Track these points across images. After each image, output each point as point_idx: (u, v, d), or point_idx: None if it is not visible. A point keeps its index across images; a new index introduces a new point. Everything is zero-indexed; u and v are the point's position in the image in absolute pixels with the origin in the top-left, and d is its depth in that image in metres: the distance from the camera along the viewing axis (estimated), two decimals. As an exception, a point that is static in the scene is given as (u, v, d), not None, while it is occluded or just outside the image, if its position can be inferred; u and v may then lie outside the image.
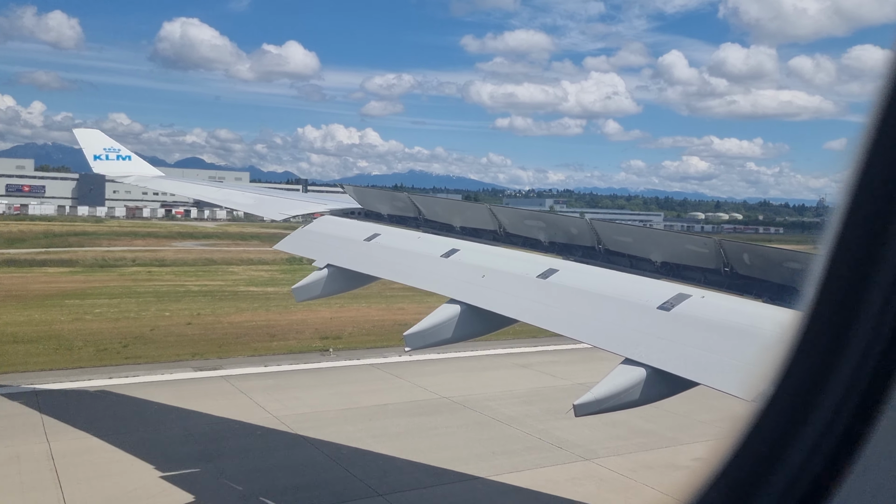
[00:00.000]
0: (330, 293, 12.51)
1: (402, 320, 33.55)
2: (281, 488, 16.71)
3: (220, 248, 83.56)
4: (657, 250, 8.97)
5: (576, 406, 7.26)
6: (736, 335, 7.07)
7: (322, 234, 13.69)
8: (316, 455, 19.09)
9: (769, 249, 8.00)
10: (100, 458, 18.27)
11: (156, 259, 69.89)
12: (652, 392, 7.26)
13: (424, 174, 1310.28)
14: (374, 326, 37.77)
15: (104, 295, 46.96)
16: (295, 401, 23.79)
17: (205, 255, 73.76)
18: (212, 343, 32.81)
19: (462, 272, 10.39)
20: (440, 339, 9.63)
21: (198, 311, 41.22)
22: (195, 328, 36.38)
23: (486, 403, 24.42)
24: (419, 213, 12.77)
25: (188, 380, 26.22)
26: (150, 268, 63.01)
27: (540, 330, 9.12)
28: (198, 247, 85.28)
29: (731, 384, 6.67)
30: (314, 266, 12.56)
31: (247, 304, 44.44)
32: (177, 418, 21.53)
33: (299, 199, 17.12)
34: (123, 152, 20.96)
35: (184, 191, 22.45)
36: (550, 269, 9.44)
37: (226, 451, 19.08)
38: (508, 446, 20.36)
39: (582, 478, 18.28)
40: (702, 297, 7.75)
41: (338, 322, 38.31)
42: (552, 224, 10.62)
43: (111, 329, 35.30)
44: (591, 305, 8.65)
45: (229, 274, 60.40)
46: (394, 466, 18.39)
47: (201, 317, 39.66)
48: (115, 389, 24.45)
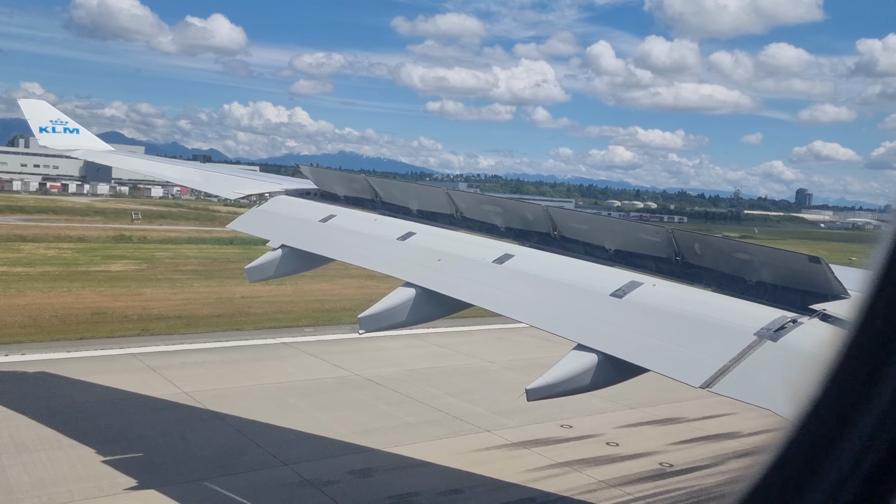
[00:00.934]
0: (284, 274, 12.36)
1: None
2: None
3: (42, 225, 76.20)
4: (611, 238, 9.08)
5: (528, 391, 7.33)
6: (685, 323, 7.23)
7: (277, 214, 13.49)
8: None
9: (719, 240, 8.18)
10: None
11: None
12: (602, 377, 7.38)
13: (355, 156, 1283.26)
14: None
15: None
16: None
17: (17, 231, 68.00)
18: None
19: (418, 256, 10.37)
20: (395, 322, 9.61)
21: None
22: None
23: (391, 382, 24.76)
24: (376, 195, 12.67)
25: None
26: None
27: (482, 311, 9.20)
28: (21, 222, 78.30)
29: (679, 371, 6.82)
30: (268, 246, 12.38)
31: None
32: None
33: (254, 178, 16.82)
34: (71, 125, 20.23)
35: (134, 166, 21.83)
36: (506, 254, 9.49)
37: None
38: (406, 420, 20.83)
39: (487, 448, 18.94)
40: (653, 286, 7.89)
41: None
42: (509, 210, 10.66)
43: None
44: (545, 291, 8.73)
45: (11, 252, 53.44)
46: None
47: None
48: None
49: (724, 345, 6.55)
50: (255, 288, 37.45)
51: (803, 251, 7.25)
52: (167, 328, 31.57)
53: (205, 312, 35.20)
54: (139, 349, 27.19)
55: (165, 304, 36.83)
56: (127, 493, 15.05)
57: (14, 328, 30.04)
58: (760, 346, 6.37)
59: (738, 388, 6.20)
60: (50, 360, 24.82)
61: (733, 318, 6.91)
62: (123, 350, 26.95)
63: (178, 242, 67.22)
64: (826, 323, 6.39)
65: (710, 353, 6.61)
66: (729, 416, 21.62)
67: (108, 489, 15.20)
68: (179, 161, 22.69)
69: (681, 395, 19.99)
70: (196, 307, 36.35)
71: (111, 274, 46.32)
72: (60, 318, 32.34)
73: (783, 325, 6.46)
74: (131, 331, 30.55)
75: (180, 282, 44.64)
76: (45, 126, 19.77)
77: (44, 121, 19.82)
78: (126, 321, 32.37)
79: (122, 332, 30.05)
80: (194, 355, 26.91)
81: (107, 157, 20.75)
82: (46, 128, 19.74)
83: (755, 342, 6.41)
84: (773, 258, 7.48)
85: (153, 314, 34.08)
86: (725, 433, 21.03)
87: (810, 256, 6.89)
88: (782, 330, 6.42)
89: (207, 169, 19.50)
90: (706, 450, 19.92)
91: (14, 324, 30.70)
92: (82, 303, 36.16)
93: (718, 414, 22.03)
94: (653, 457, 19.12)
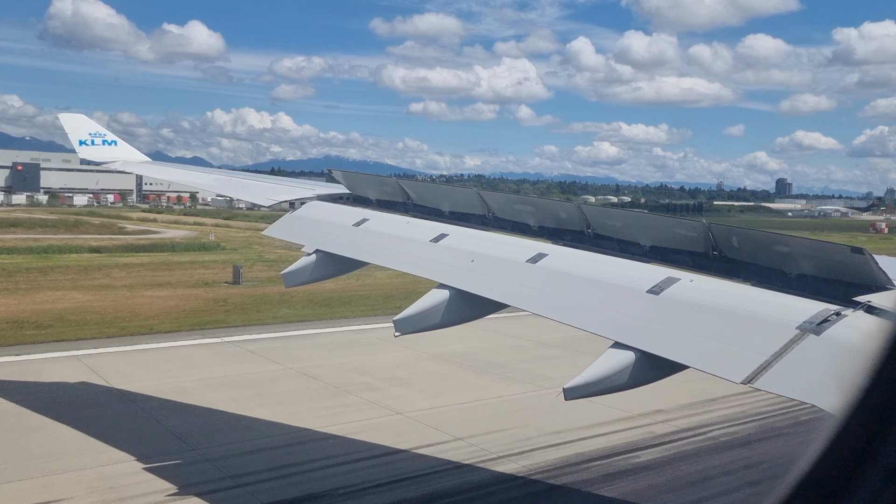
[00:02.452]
0: (318, 278, 12.46)
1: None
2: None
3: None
4: (646, 234, 8.97)
5: (565, 390, 7.28)
6: (724, 318, 7.11)
7: (310, 220, 13.62)
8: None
9: (757, 233, 8.02)
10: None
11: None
12: (641, 375, 7.29)
13: (341, 159, 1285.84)
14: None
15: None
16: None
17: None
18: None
19: (451, 257, 10.37)
20: (429, 323, 9.62)
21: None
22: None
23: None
24: (408, 197, 12.71)
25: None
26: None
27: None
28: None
29: (720, 367, 6.71)
30: (302, 252, 12.50)
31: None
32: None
33: (286, 185, 17.00)
34: (109, 137, 20.70)
35: (169, 176, 22.25)
36: (540, 253, 9.43)
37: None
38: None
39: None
40: (690, 281, 7.78)
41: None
42: (541, 208, 10.60)
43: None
44: (580, 290, 8.65)
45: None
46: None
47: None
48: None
49: (766, 339, 6.42)
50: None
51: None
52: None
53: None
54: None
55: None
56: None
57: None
58: (803, 339, 6.23)
59: (780, 383, 6.08)
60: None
61: (774, 311, 6.77)
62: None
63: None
64: (871, 315, 6.23)
65: (751, 348, 6.49)
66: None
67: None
68: (212, 170, 23.06)
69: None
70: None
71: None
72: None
73: (826, 318, 6.31)
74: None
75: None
76: (84, 139, 20.25)
77: (83, 134, 20.30)
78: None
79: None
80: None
81: (143, 167, 21.18)
82: (86, 141, 20.22)
83: (797, 336, 6.28)
84: (813, 250, 7.32)
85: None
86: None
87: (853, 247, 6.73)
88: (825, 323, 6.27)
89: (239, 177, 19.76)
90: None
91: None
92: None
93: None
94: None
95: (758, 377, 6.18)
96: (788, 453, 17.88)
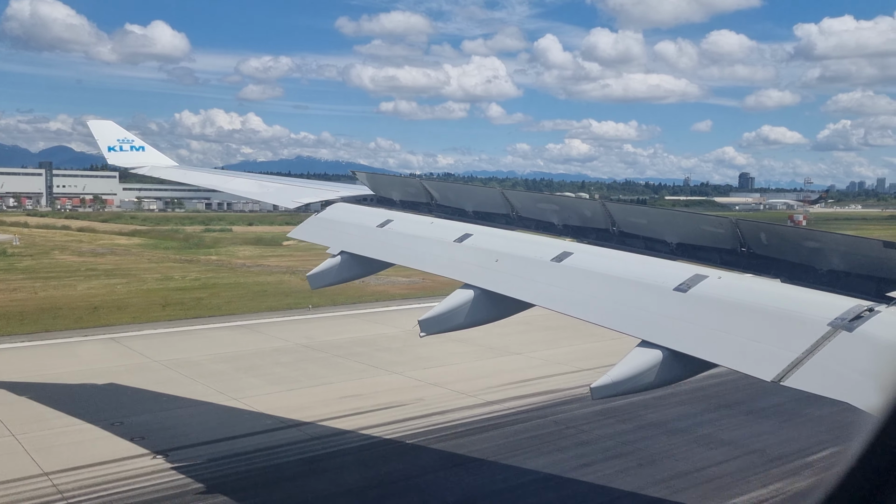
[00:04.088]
0: (343, 280, 12.52)
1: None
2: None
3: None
4: (672, 231, 8.88)
5: (592, 389, 7.23)
6: (754, 315, 7.01)
7: (335, 221, 13.69)
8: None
9: (787, 228, 7.91)
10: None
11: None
12: (669, 374, 7.22)
13: (312, 160, 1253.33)
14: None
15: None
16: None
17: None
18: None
19: (476, 257, 10.36)
20: (454, 324, 9.62)
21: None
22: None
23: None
24: (431, 198, 12.73)
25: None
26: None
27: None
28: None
29: (749, 365, 6.62)
30: (328, 253, 12.57)
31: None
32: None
33: (312, 187, 17.11)
34: (137, 143, 21.01)
35: (194, 180, 22.52)
36: (565, 252, 9.39)
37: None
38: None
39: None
40: (718, 278, 7.68)
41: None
42: (565, 207, 10.55)
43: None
44: (606, 288, 8.59)
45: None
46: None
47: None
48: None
49: (796, 336, 6.32)
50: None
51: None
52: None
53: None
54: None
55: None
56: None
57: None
58: (835, 336, 6.12)
59: (812, 380, 5.97)
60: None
61: (805, 308, 6.65)
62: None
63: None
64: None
65: (782, 345, 6.39)
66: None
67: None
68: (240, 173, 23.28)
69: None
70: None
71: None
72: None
73: (859, 315, 6.18)
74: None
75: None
76: (113, 145, 20.57)
77: (112, 140, 20.62)
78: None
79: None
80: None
81: (171, 172, 21.46)
82: (115, 147, 20.54)
83: (829, 333, 6.16)
84: (845, 245, 7.19)
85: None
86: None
87: (885, 242, 6.60)
88: (858, 319, 6.15)
89: (265, 179, 19.93)
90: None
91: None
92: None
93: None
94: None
95: (788, 375, 6.08)
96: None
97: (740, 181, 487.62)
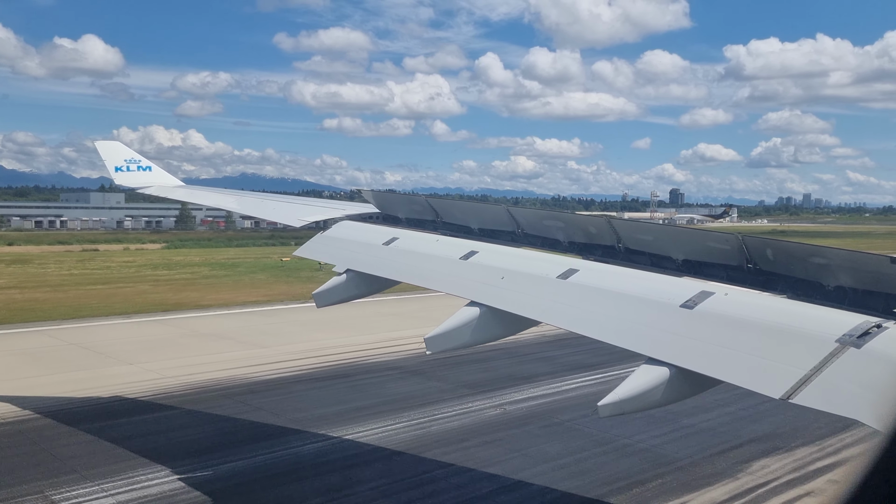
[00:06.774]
0: (349, 298, 12.52)
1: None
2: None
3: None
4: (678, 248, 8.88)
5: (599, 407, 7.19)
6: (761, 332, 6.98)
7: (341, 239, 13.72)
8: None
9: (793, 245, 7.89)
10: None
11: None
12: (675, 391, 7.18)
13: (257, 177, 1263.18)
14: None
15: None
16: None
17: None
18: None
19: (481, 274, 10.35)
20: (460, 341, 9.59)
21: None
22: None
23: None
24: (437, 215, 12.75)
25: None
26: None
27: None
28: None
29: (757, 382, 6.58)
30: (334, 271, 12.58)
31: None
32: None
33: (316, 205, 17.17)
34: (144, 163, 21.14)
35: (201, 200, 22.60)
36: (570, 269, 9.38)
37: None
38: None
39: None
40: (725, 295, 7.65)
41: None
42: (571, 224, 10.55)
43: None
44: (612, 305, 8.57)
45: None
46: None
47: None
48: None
49: (804, 353, 6.28)
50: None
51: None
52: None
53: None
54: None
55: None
56: None
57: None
58: (843, 353, 6.08)
59: (821, 397, 5.93)
60: None
61: (812, 325, 6.62)
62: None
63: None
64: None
65: (790, 362, 6.35)
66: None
67: None
68: (244, 192, 23.41)
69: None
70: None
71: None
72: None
73: (867, 331, 6.15)
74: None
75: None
76: (120, 165, 20.70)
77: (119, 161, 20.76)
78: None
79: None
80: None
81: (177, 191, 21.57)
82: (122, 167, 20.67)
83: (837, 349, 6.13)
84: (851, 261, 7.17)
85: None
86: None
87: (892, 258, 6.58)
88: (866, 336, 6.11)
89: (270, 198, 20.00)
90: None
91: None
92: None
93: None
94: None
95: (797, 392, 6.04)
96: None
97: (671, 197, 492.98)
